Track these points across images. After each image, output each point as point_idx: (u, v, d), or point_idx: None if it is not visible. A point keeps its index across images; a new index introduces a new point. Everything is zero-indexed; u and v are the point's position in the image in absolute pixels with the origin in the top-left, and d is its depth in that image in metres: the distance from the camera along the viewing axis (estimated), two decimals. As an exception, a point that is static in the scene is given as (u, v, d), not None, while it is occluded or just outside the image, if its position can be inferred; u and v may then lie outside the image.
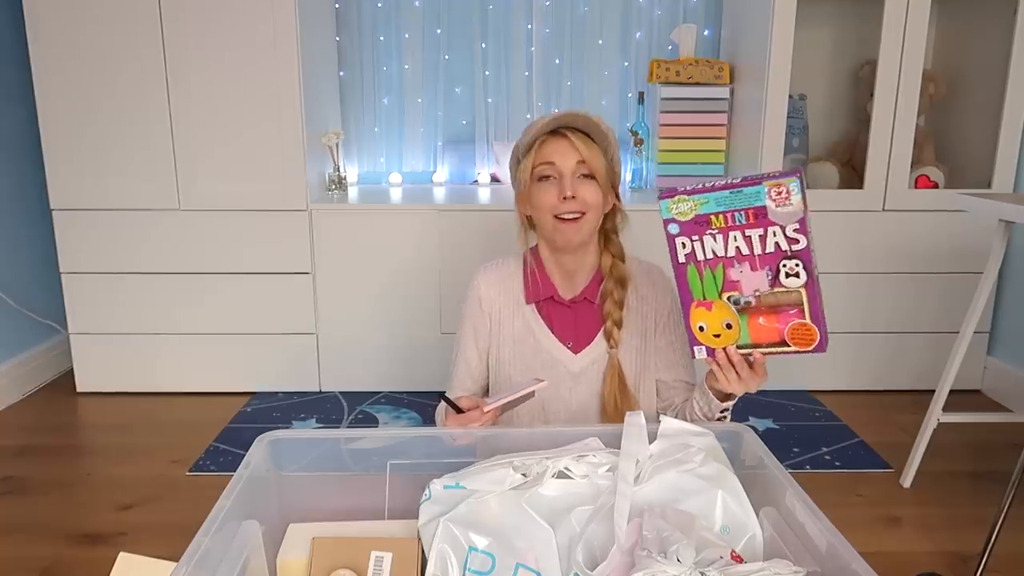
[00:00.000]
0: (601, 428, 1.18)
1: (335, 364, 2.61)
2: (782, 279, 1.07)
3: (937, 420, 1.95)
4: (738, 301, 1.10)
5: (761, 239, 1.06)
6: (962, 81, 2.64)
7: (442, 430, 1.20)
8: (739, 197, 1.05)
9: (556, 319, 1.44)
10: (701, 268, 1.10)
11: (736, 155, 2.68)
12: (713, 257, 1.09)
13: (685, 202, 1.07)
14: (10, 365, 2.57)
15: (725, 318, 1.12)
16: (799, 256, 1.05)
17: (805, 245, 1.05)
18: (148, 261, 2.51)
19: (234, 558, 0.91)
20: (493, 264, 1.49)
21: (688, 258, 1.10)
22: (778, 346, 1.11)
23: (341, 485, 1.12)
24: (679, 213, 1.08)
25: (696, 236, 1.08)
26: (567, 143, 1.33)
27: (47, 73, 2.38)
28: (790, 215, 1.04)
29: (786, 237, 1.05)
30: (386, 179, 2.95)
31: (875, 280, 2.55)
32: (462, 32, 2.88)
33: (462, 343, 1.48)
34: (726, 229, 1.07)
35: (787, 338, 1.10)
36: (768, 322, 1.10)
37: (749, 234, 1.06)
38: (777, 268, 1.07)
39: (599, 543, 0.97)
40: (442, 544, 0.97)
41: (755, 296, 1.09)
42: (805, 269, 1.06)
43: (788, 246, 1.05)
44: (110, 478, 2.06)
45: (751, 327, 1.11)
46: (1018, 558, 1.69)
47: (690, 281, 1.12)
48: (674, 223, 1.09)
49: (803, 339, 1.09)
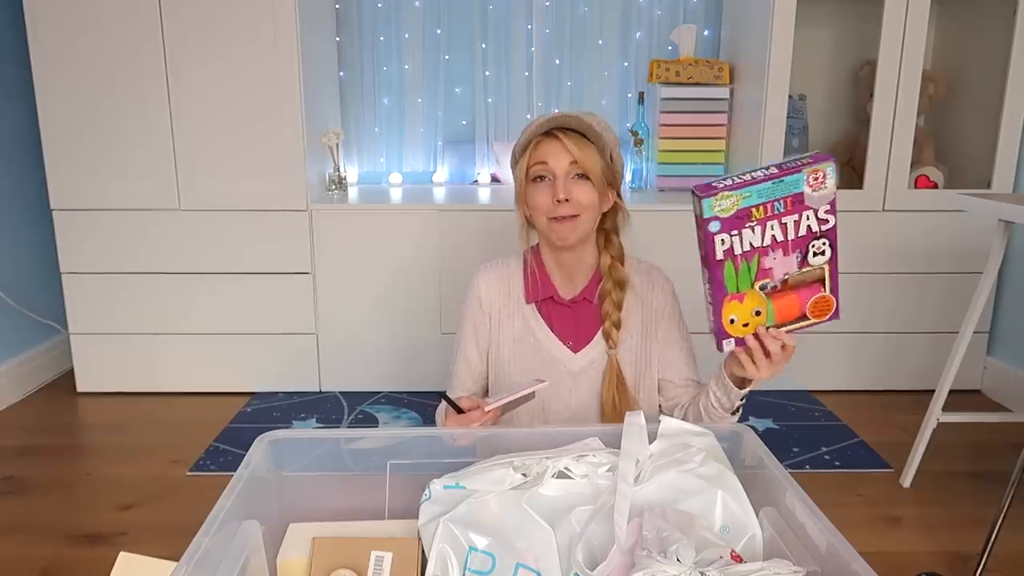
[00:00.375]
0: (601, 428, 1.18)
1: (335, 364, 2.61)
2: (810, 259, 1.08)
3: (937, 420, 1.95)
4: (765, 286, 1.11)
5: (795, 224, 1.07)
6: (962, 81, 2.64)
7: (442, 430, 1.20)
8: (780, 187, 1.05)
9: (556, 318, 1.44)
10: (738, 262, 1.09)
11: (736, 155, 2.68)
12: (750, 249, 1.08)
13: (728, 198, 1.06)
14: (10, 365, 2.57)
15: (755, 306, 1.12)
16: (827, 235, 1.07)
17: (833, 224, 1.07)
18: (148, 261, 2.51)
19: (234, 558, 0.91)
20: (493, 264, 1.49)
21: (727, 254, 1.09)
22: (799, 320, 1.13)
23: (341, 485, 1.12)
24: (721, 210, 1.07)
25: (736, 231, 1.07)
26: (559, 144, 1.34)
27: (47, 73, 2.38)
28: (824, 197, 1.05)
29: (817, 219, 1.06)
30: (386, 179, 2.95)
31: (875, 280, 2.55)
32: (462, 32, 2.88)
33: (462, 343, 1.49)
34: (764, 219, 1.06)
35: (808, 312, 1.11)
36: (792, 301, 1.11)
37: (785, 221, 1.06)
38: (806, 249, 1.08)
39: (599, 543, 0.97)
40: (442, 544, 0.97)
41: (783, 279, 1.10)
42: (831, 246, 1.08)
43: (819, 227, 1.07)
44: (110, 478, 2.06)
45: (776, 308, 1.12)
46: (1018, 558, 1.69)
47: (726, 276, 1.11)
48: (716, 220, 1.08)
49: (822, 310, 1.12)
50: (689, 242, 1.19)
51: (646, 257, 1.49)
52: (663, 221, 2.47)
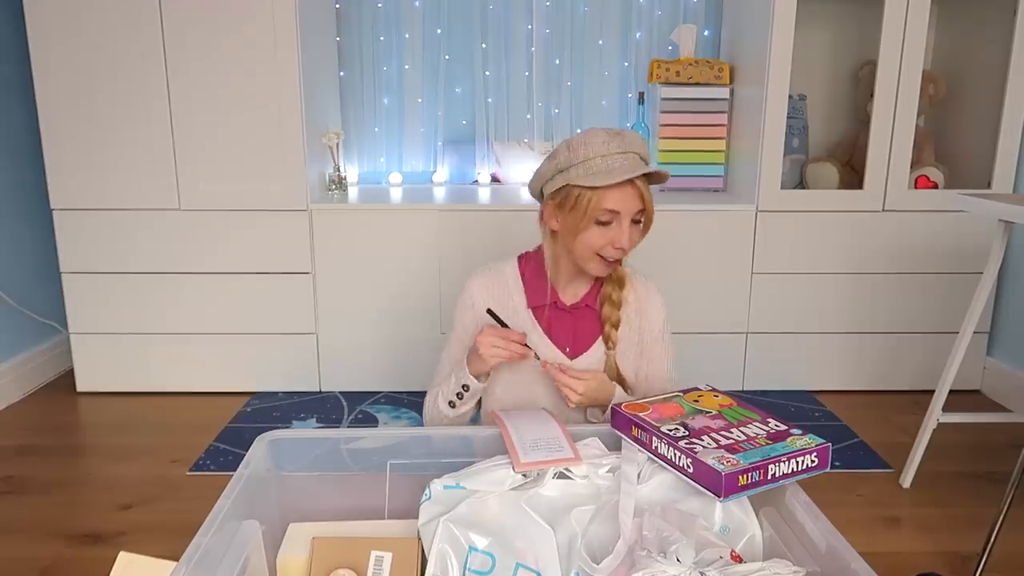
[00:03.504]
0: (601, 428, 1.18)
1: (335, 364, 2.61)
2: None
3: (937, 420, 1.95)
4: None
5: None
6: (962, 81, 2.64)
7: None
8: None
9: (555, 324, 1.45)
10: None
11: (736, 155, 2.68)
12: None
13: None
14: (10, 365, 2.57)
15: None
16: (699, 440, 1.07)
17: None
18: (148, 261, 2.51)
19: (234, 558, 0.91)
20: (486, 270, 1.49)
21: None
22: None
23: (341, 485, 1.12)
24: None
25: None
26: (635, 192, 1.30)
27: (47, 72, 2.38)
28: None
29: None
30: (386, 179, 2.95)
31: (875, 280, 2.55)
32: (462, 32, 2.88)
33: (451, 345, 1.50)
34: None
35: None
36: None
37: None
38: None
39: (599, 543, 0.97)
40: (442, 544, 0.97)
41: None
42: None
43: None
44: (110, 478, 2.06)
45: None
46: (1018, 558, 1.69)
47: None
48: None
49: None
50: (688, 242, 1.19)
51: (644, 253, 1.48)
52: (663, 221, 2.45)
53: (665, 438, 1.04)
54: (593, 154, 1.30)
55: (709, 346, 2.55)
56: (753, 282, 2.54)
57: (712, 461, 0.97)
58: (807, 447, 1.01)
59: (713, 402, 1.18)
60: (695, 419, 1.11)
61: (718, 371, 2.57)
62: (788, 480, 1.00)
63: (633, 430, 1.11)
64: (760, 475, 0.97)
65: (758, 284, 2.54)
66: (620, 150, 1.30)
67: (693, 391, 1.23)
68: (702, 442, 1.03)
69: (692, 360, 2.25)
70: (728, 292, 2.53)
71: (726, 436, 1.05)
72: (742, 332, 2.57)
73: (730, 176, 2.73)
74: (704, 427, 1.08)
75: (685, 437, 1.05)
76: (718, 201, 2.55)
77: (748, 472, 0.96)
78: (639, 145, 1.32)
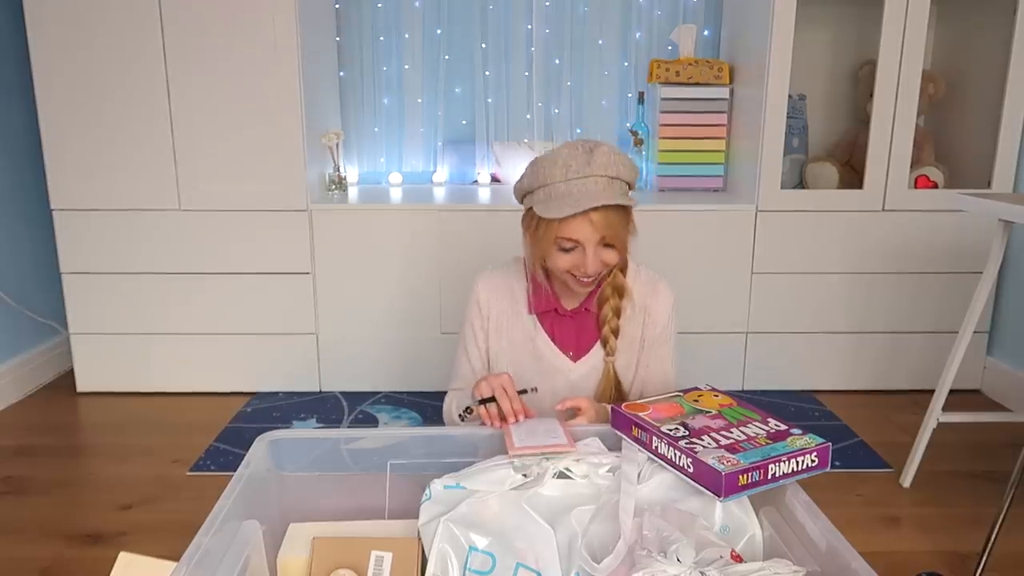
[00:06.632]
0: (601, 428, 1.18)
1: (335, 364, 2.61)
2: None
3: (937, 420, 1.95)
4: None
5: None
6: (962, 81, 2.65)
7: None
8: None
9: (557, 329, 1.46)
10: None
11: (736, 155, 2.68)
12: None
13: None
14: (10, 365, 2.57)
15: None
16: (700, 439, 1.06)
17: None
18: (148, 261, 2.51)
19: (234, 558, 0.91)
20: (495, 270, 1.50)
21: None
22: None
23: (341, 485, 1.12)
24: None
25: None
26: (596, 221, 1.25)
27: (47, 73, 2.37)
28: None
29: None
30: (386, 179, 2.95)
31: (874, 280, 2.55)
32: (462, 32, 2.88)
33: (464, 343, 1.51)
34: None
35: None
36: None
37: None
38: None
39: (600, 543, 0.97)
40: (442, 544, 0.97)
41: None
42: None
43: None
44: (110, 478, 2.06)
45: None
46: (1018, 558, 1.69)
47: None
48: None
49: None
50: (688, 242, 1.19)
51: (644, 256, 1.48)
52: (663, 221, 2.47)
53: (665, 438, 1.04)
54: (553, 179, 1.26)
55: (709, 346, 2.55)
56: (753, 282, 2.54)
57: (712, 461, 0.97)
58: (807, 447, 1.01)
59: (713, 402, 1.18)
60: (695, 419, 1.11)
61: (718, 371, 2.57)
62: (788, 480, 1.00)
63: (633, 430, 1.11)
64: (760, 475, 0.97)
65: (758, 284, 2.54)
66: (583, 174, 1.24)
67: (693, 391, 1.23)
68: (702, 442, 1.03)
69: (692, 360, 2.25)
70: (728, 292, 2.54)
71: (726, 436, 1.05)
72: (742, 332, 2.57)
73: (730, 176, 2.73)
74: (704, 427, 1.08)
75: (685, 437, 1.05)
76: (718, 201, 2.55)
77: (748, 472, 0.96)
78: (609, 166, 1.25)
